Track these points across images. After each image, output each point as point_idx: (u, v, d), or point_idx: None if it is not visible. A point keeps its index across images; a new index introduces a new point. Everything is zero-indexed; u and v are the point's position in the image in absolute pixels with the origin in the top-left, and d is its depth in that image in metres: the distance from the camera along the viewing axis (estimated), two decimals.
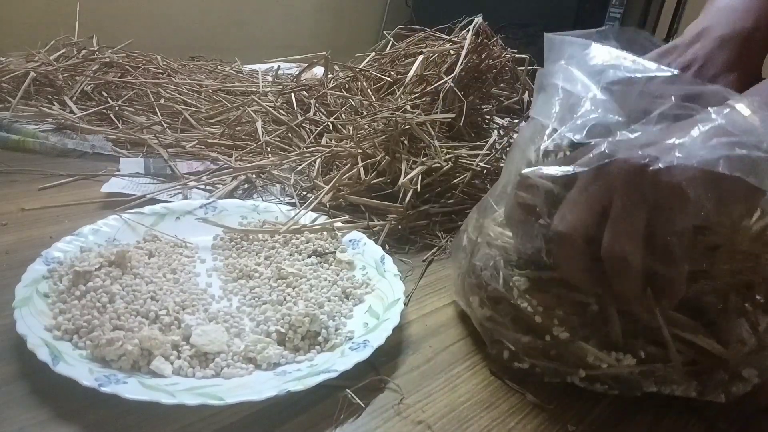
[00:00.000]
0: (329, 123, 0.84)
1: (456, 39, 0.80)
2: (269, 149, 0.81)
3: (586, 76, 0.40)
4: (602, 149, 0.36)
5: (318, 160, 0.73)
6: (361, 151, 0.69)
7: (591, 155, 0.36)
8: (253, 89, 1.03)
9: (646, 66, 0.39)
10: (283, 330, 0.45)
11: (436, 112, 0.73)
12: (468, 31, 0.78)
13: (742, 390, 0.41)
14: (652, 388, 0.41)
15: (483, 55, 0.79)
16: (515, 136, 0.80)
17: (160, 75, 1.05)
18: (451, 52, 0.78)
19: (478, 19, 0.78)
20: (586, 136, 0.37)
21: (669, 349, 0.39)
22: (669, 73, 0.38)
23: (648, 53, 0.47)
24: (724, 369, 0.40)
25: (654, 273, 0.35)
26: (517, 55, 0.86)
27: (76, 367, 0.38)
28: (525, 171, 0.40)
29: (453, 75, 0.73)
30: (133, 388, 0.37)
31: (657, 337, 0.40)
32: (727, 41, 0.44)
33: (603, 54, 0.41)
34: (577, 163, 0.37)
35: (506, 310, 0.45)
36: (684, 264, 0.35)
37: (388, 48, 0.93)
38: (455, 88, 0.73)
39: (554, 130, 0.40)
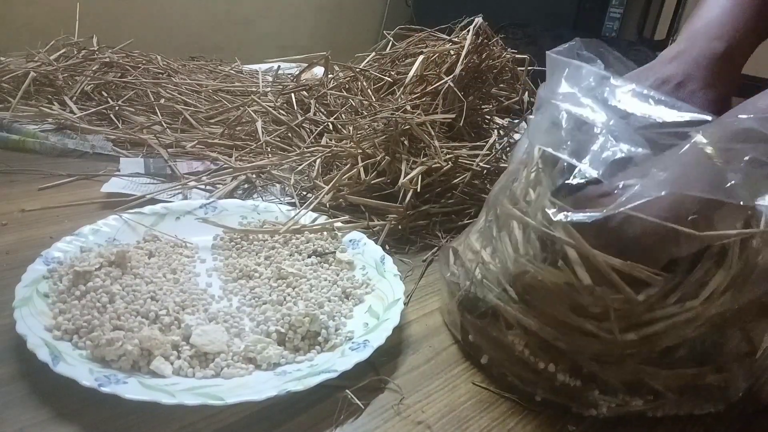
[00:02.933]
0: (329, 123, 0.84)
1: (456, 39, 0.80)
2: (269, 149, 0.81)
3: (598, 105, 0.40)
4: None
5: (318, 160, 0.73)
6: (361, 151, 0.69)
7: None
8: (253, 89, 1.03)
9: (670, 105, 0.39)
10: (283, 330, 0.45)
11: (436, 113, 0.73)
12: (468, 31, 0.78)
13: (735, 397, 0.42)
14: (658, 414, 0.42)
15: (483, 56, 0.79)
16: (516, 136, 0.80)
17: (160, 75, 1.05)
18: (452, 52, 0.78)
19: (479, 20, 0.78)
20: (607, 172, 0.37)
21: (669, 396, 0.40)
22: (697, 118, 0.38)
23: (627, 73, 0.48)
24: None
25: None
26: (517, 55, 0.86)
27: (76, 367, 0.38)
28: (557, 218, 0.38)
29: (453, 75, 0.73)
30: (133, 388, 0.37)
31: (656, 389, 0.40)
32: (703, 61, 0.46)
33: (617, 85, 0.41)
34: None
35: (506, 351, 0.44)
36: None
37: (389, 48, 0.93)
38: (455, 89, 0.73)
39: (571, 166, 0.39)
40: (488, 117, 0.85)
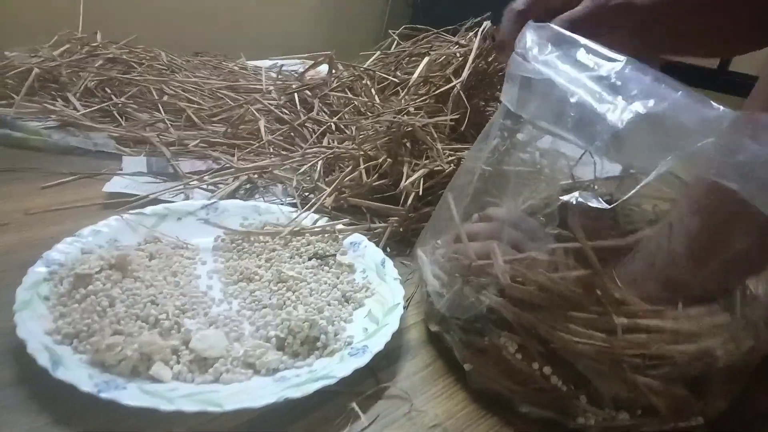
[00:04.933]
0: (332, 123, 0.84)
1: (463, 42, 0.79)
2: (272, 149, 0.81)
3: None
4: None
5: (320, 162, 0.73)
6: (363, 153, 0.69)
7: None
8: (257, 87, 1.03)
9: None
10: (282, 335, 0.45)
11: (440, 116, 0.73)
12: (476, 33, 0.77)
13: (713, 414, 0.41)
14: (644, 430, 0.41)
15: (489, 59, 0.78)
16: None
17: (164, 71, 1.05)
18: (457, 54, 0.77)
19: (487, 23, 0.77)
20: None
21: (660, 410, 0.39)
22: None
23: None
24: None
25: None
26: None
27: (76, 372, 0.38)
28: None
29: (461, 80, 0.72)
30: (132, 394, 0.37)
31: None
32: None
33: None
34: None
35: (494, 358, 0.43)
36: None
37: (393, 47, 0.92)
38: (461, 93, 0.72)
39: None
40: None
